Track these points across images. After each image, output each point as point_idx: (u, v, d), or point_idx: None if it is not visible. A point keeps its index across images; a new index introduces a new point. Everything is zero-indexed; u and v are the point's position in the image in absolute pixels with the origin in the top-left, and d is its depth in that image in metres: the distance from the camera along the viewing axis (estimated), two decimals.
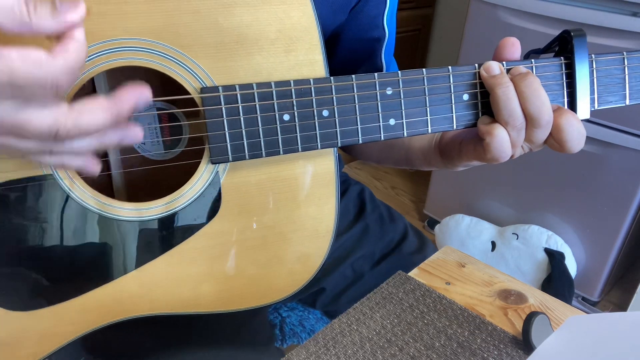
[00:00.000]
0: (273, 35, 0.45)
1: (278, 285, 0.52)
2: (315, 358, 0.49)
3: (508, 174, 1.60)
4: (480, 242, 1.63)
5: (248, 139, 0.45)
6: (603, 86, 0.51)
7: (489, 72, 0.48)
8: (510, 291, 0.59)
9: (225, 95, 0.44)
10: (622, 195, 1.37)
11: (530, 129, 0.47)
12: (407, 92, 0.48)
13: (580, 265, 1.52)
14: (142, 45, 0.43)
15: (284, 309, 0.81)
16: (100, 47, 0.42)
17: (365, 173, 2.29)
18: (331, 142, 0.47)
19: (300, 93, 0.46)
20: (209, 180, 0.47)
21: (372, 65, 0.68)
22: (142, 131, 0.40)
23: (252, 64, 0.45)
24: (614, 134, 1.34)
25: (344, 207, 0.80)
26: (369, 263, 0.76)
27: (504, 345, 0.50)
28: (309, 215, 0.51)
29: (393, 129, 0.48)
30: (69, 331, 0.48)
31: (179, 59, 0.44)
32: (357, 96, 0.47)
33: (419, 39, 2.30)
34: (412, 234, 0.80)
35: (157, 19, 0.42)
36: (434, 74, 0.48)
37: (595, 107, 0.51)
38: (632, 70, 0.51)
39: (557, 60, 0.50)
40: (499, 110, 0.47)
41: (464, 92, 0.49)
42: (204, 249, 0.49)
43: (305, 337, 0.78)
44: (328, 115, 0.47)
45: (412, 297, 0.56)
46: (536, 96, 0.46)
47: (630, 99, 0.52)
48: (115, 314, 0.48)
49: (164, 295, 0.49)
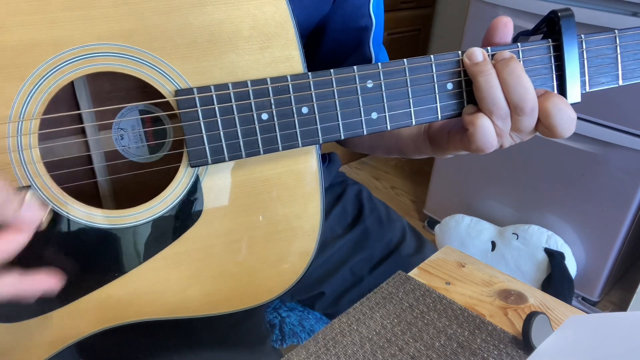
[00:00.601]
0: (247, 33, 0.44)
1: (267, 286, 0.51)
2: (315, 358, 0.49)
3: (508, 174, 1.60)
4: (480, 242, 1.63)
5: (227, 140, 0.44)
6: (594, 67, 0.49)
7: (472, 60, 0.46)
8: (510, 291, 0.59)
9: (200, 97, 0.43)
10: (622, 195, 1.37)
11: (515, 117, 0.46)
12: (389, 84, 0.46)
13: (580, 265, 1.52)
14: (113, 50, 0.42)
15: (283, 309, 0.81)
16: (71, 54, 0.41)
17: (365, 173, 2.29)
18: (312, 140, 0.46)
19: (277, 91, 0.44)
20: (189, 184, 0.46)
21: (361, 55, 0.67)
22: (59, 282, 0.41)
23: (226, 63, 0.44)
24: (614, 134, 1.34)
25: (341, 209, 0.79)
26: (368, 266, 0.76)
27: (504, 345, 0.50)
28: (294, 214, 0.50)
29: (376, 122, 0.47)
30: (58, 340, 0.47)
31: (151, 62, 0.43)
32: (337, 91, 0.46)
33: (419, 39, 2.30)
34: (410, 235, 0.80)
35: (126, 23, 0.41)
36: (415, 63, 0.46)
37: (587, 90, 0.49)
38: (624, 49, 0.49)
39: (544, 43, 0.48)
40: (482, 99, 0.45)
41: (448, 81, 0.47)
42: (188, 254, 0.48)
43: (305, 337, 0.78)
44: (308, 112, 0.45)
45: (412, 297, 0.56)
46: (519, 83, 0.45)
47: (623, 79, 0.50)
48: (103, 321, 0.48)
49: (151, 301, 0.48)
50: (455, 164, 1.73)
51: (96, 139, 0.51)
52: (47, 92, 0.41)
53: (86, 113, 0.49)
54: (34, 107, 0.41)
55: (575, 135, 1.42)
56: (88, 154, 0.51)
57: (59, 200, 0.44)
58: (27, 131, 0.41)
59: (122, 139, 0.52)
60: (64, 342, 0.48)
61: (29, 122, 0.41)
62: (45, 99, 0.41)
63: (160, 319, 0.49)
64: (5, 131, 0.41)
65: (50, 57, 0.41)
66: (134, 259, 0.47)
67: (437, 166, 1.81)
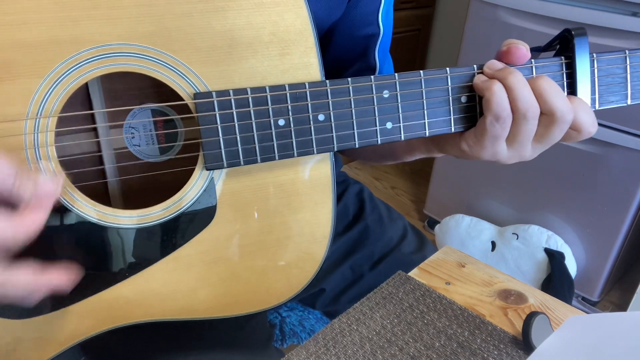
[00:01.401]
0: (267, 39, 0.45)
1: (275, 290, 0.52)
2: (315, 358, 0.49)
3: (508, 174, 1.60)
4: (480, 242, 1.63)
5: (243, 145, 0.45)
6: (604, 86, 0.50)
7: (493, 68, 0.47)
8: (510, 291, 0.59)
9: (219, 100, 0.44)
10: (622, 195, 1.37)
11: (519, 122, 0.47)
12: (405, 95, 0.47)
13: (580, 265, 1.52)
14: (133, 50, 0.42)
15: (283, 309, 0.81)
16: (91, 53, 0.41)
17: (365, 173, 2.29)
18: (327, 147, 0.47)
19: (295, 97, 0.45)
20: (204, 186, 0.47)
21: (365, 63, 0.67)
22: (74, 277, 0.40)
23: (246, 68, 0.45)
24: (614, 134, 1.34)
25: (342, 207, 0.80)
26: (368, 263, 0.76)
27: (504, 345, 0.50)
28: (306, 221, 0.50)
29: (390, 132, 0.48)
30: (65, 338, 0.48)
31: (171, 64, 0.43)
32: (354, 100, 0.46)
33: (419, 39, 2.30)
34: (411, 234, 0.80)
35: (147, 24, 0.42)
36: (431, 75, 0.47)
37: (597, 108, 0.51)
38: (634, 69, 0.50)
39: (557, 60, 0.49)
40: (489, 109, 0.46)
41: (462, 95, 0.48)
42: (200, 256, 0.48)
43: (305, 337, 0.78)
44: (324, 120, 0.46)
45: (412, 297, 0.56)
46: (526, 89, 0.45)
47: (632, 99, 0.51)
48: (112, 320, 0.48)
49: (160, 302, 0.49)
50: (455, 164, 1.73)
51: (108, 139, 0.51)
52: (65, 90, 0.41)
53: (99, 112, 0.50)
54: (52, 104, 0.41)
55: None
56: (99, 154, 0.51)
57: (74, 199, 0.44)
58: (44, 129, 0.42)
59: (133, 138, 0.52)
60: (72, 339, 0.48)
61: (47, 120, 0.41)
62: (63, 97, 0.42)
63: (168, 319, 0.50)
64: (22, 128, 0.41)
65: (70, 55, 0.41)
66: (145, 259, 0.47)
67: (437, 166, 1.81)
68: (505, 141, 0.48)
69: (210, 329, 0.60)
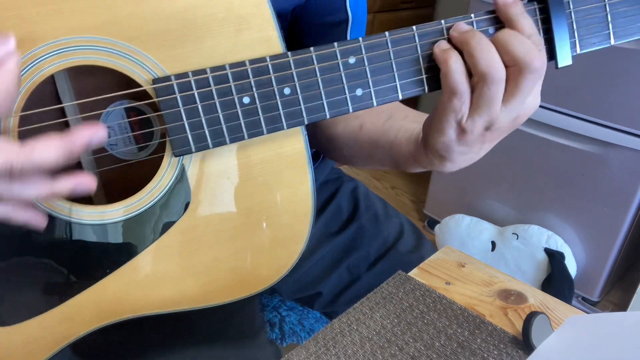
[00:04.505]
0: (221, 15, 0.43)
1: (262, 274, 0.51)
2: (315, 358, 0.49)
3: (508, 174, 1.60)
4: (480, 242, 1.63)
5: (209, 126, 0.44)
6: (583, 27, 0.47)
7: (459, 30, 0.45)
8: (510, 291, 0.59)
9: (178, 83, 0.42)
10: (622, 195, 1.37)
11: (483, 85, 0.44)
12: (371, 59, 0.45)
13: (580, 265, 1.52)
14: (88, 43, 0.41)
15: (283, 308, 0.81)
16: (45, 49, 0.40)
17: (365, 173, 2.29)
18: (297, 121, 0.45)
19: (257, 72, 0.43)
20: (175, 174, 0.46)
21: None
22: (95, 181, 0.40)
23: (203, 48, 0.43)
24: (614, 134, 1.34)
25: (337, 206, 0.79)
26: (364, 264, 0.75)
27: (504, 345, 0.50)
28: (285, 199, 0.49)
29: (361, 99, 0.46)
30: (54, 341, 0.47)
31: (127, 52, 0.42)
32: (319, 69, 0.44)
33: None
34: (408, 231, 0.79)
35: (98, 14, 0.41)
36: (398, 35, 0.45)
37: (578, 52, 0.48)
38: (613, 7, 0.47)
39: (530, 6, 0.46)
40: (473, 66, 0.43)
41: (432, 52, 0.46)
42: (180, 245, 0.47)
43: (304, 337, 0.78)
44: (290, 93, 0.44)
45: (412, 297, 0.56)
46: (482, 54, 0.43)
47: (615, 38, 0.48)
48: (100, 318, 0.48)
49: (146, 295, 0.48)
50: None
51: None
52: (24, 88, 0.41)
53: (70, 110, 0.49)
54: None
55: (575, 135, 1.42)
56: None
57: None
58: (6, 129, 0.41)
59: (109, 136, 0.51)
60: (62, 341, 0.48)
61: (7, 120, 0.41)
62: (23, 94, 0.41)
63: (157, 313, 0.49)
64: None
65: (25, 53, 0.40)
66: (124, 254, 0.46)
67: None
68: (470, 110, 0.45)
69: (198, 322, 0.59)
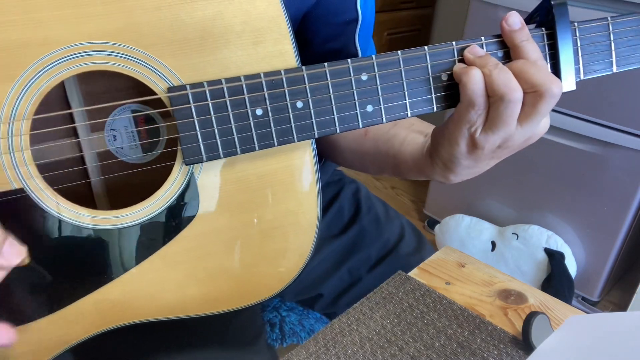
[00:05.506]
0: (239, 28, 0.44)
1: (265, 283, 0.51)
2: (315, 358, 0.49)
3: (508, 174, 1.60)
4: (480, 242, 1.63)
5: (221, 137, 0.44)
6: (588, 55, 0.49)
7: (475, 54, 0.46)
8: (510, 291, 0.59)
9: (193, 93, 0.43)
10: (622, 195, 1.37)
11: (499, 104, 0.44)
12: (383, 77, 0.46)
13: (580, 265, 1.52)
14: (104, 48, 0.41)
15: (283, 309, 0.81)
16: (60, 53, 0.40)
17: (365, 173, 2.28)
18: (308, 134, 0.46)
19: (271, 85, 0.44)
20: (184, 182, 0.46)
21: (347, 51, 0.66)
22: (14, 335, 0.42)
23: (219, 59, 0.44)
24: (614, 134, 1.34)
25: (338, 208, 0.79)
26: (365, 266, 0.76)
27: (504, 345, 0.50)
28: (291, 210, 0.50)
29: (371, 115, 0.46)
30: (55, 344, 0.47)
31: (143, 59, 0.42)
32: (332, 84, 0.45)
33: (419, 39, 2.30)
34: (409, 234, 0.79)
35: (116, 20, 0.41)
36: (410, 54, 0.46)
37: (582, 77, 0.49)
38: (617, 36, 0.49)
39: (538, 32, 0.48)
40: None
41: (442, 73, 0.47)
42: (186, 252, 0.48)
43: (304, 337, 0.78)
44: (302, 107, 0.45)
45: (412, 297, 0.56)
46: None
47: (617, 66, 0.50)
48: (101, 323, 0.48)
49: (150, 301, 0.48)
50: None
51: (89, 140, 0.50)
52: (38, 92, 0.41)
53: (78, 114, 0.49)
54: (25, 107, 0.41)
55: (575, 135, 1.42)
56: (81, 154, 0.50)
57: (53, 202, 0.43)
58: (18, 132, 0.41)
59: (114, 139, 0.51)
60: (63, 345, 0.47)
61: (20, 123, 0.41)
62: (36, 99, 0.41)
63: (159, 319, 0.49)
64: None
65: (40, 56, 0.40)
66: (130, 260, 0.46)
67: None
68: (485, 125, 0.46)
69: (198, 327, 0.59)
